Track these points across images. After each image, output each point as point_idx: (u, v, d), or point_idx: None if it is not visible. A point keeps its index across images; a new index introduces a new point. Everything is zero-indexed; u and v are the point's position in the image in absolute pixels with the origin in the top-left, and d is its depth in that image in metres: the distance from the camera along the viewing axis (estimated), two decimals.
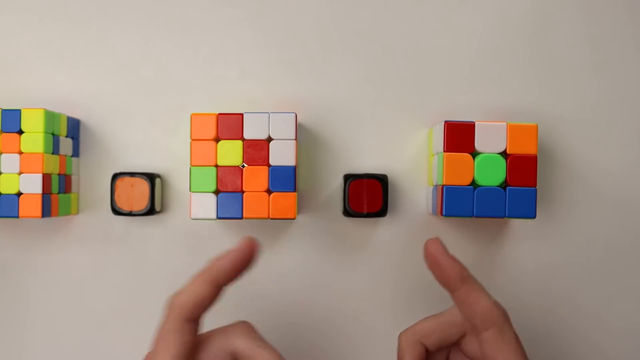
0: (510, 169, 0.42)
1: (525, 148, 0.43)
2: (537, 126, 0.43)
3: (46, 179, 0.44)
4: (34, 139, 0.43)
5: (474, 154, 0.43)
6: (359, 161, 0.48)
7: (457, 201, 0.42)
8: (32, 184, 0.43)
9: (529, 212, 0.43)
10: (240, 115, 0.43)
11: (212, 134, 0.43)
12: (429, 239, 0.39)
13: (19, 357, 0.49)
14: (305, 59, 0.48)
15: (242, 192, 0.43)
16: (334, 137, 0.48)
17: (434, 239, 0.39)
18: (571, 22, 0.48)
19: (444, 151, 0.43)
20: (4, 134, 0.43)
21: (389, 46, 0.48)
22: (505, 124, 0.43)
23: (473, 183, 0.43)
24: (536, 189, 0.43)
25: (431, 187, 0.46)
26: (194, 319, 0.37)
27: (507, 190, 0.42)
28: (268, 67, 0.48)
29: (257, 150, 0.43)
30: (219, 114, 0.43)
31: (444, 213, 0.42)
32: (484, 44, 0.48)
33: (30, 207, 0.43)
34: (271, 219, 0.43)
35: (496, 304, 0.38)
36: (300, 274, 0.48)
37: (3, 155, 0.43)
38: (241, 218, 0.43)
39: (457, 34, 0.48)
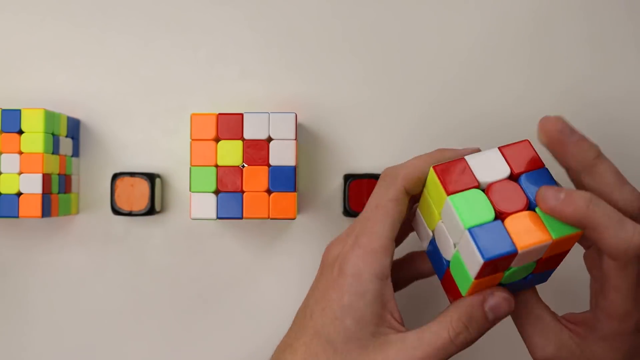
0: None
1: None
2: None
3: (46, 179, 0.44)
4: (34, 139, 0.43)
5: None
6: (359, 161, 0.48)
7: None
8: (32, 184, 0.43)
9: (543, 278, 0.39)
10: (240, 115, 0.43)
11: (212, 134, 0.43)
12: (546, 118, 0.32)
13: (19, 357, 0.49)
14: (305, 59, 0.48)
15: (242, 192, 0.43)
16: (334, 137, 0.48)
17: (553, 118, 0.32)
18: (572, 22, 0.48)
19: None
20: (4, 134, 0.43)
21: (389, 46, 0.48)
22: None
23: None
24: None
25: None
26: (411, 195, 0.36)
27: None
28: (268, 67, 0.48)
29: (257, 150, 0.43)
30: (219, 114, 0.43)
31: None
32: (484, 44, 0.48)
33: (30, 207, 0.43)
34: (271, 219, 0.43)
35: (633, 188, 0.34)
36: (300, 274, 0.48)
37: (3, 155, 0.43)
38: (241, 218, 0.43)
39: (457, 34, 0.48)
